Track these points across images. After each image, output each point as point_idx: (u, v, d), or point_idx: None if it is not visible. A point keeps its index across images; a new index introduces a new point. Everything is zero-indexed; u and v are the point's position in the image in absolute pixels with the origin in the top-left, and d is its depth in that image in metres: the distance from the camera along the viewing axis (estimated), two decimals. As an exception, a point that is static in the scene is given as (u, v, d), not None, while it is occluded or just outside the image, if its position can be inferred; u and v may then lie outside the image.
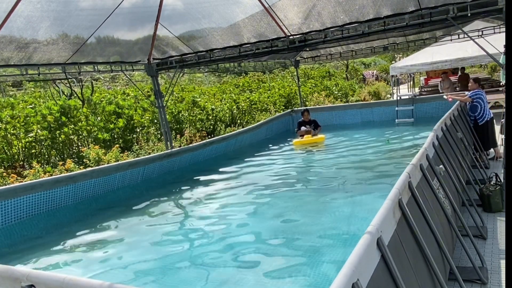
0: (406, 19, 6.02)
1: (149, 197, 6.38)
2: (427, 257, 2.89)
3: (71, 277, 2.08)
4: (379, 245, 2.20)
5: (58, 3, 5.76)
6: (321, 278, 3.43)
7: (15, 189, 5.29)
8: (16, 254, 4.62)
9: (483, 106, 7.67)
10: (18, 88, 22.51)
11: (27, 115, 10.12)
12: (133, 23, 7.43)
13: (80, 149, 10.13)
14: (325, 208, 5.25)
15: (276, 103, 16.98)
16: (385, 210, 2.46)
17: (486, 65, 26.96)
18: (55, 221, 5.58)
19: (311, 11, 6.85)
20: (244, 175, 7.37)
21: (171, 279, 3.73)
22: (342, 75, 30.27)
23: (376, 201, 4.95)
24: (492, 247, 4.40)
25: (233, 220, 5.07)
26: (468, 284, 3.67)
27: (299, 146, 9.61)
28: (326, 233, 4.37)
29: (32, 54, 6.55)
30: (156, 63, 8.68)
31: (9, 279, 2.30)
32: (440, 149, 4.97)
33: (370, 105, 12.60)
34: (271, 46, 7.34)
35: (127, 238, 4.90)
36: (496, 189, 5.32)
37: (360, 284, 1.78)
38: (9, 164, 9.35)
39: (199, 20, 7.42)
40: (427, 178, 3.85)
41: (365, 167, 7.02)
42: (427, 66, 13.39)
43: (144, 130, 12.36)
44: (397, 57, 34.01)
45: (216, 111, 14.29)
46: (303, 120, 10.45)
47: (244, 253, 4.07)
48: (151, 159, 7.21)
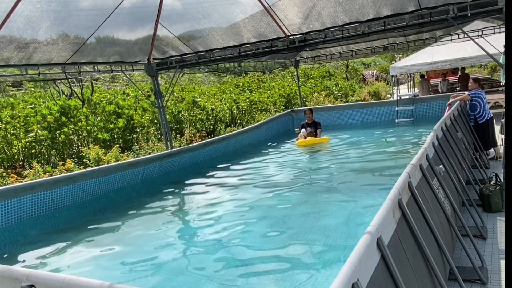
0: (406, 19, 6.02)
1: (149, 197, 6.38)
2: (427, 257, 2.89)
3: (71, 277, 2.08)
4: (379, 245, 2.20)
5: (58, 3, 5.76)
6: (321, 278, 3.43)
7: (15, 189, 5.29)
8: (16, 254, 4.62)
9: (483, 105, 7.68)
10: (18, 88, 22.52)
11: (27, 115, 10.13)
12: (133, 23, 7.43)
13: (80, 149, 10.13)
14: (325, 208, 5.25)
15: (276, 103, 16.98)
16: (385, 210, 2.46)
17: (486, 65, 26.95)
18: (55, 221, 5.59)
19: (311, 11, 6.85)
20: (244, 175, 7.37)
21: (171, 279, 3.73)
22: (342, 75, 30.27)
23: (376, 201, 4.96)
24: (492, 247, 4.40)
25: (233, 220, 5.07)
26: (468, 284, 3.67)
27: (302, 146, 9.49)
28: (326, 233, 4.37)
29: (32, 54, 6.55)
30: (156, 63, 8.68)
31: (9, 279, 2.30)
32: (440, 149, 4.97)
33: (370, 105, 12.60)
34: (271, 46, 7.34)
35: (127, 238, 4.90)
36: (496, 189, 5.32)
37: (360, 284, 1.78)
38: (9, 164, 9.36)
39: (199, 20, 7.42)
40: (427, 178, 3.85)
41: (365, 167, 7.02)
42: (427, 66, 13.39)
43: (144, 130, 12.36)
44: (397, 57, 34.04)
45: (216, 111, 14.30)
46: (306, 122, 10.10)
47: (244, 253, 4.07)
48: (151, 159, 7.21)
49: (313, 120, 10.10)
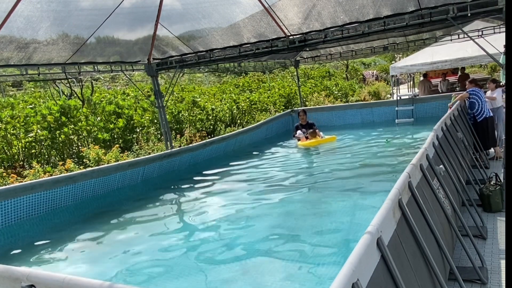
0: (406, 19, 6.02)
1: (149, 197, 6.38)
2: (427, 257, 2.89)
3: (71, 277, 2.08)
4: (379, 245, 2.20)
5: (58, 3, 5.76)
6: (321, 278, 3.43)
7: (15, 189, 5.29)
8: (16, 254, 4.62)
9: (481, 103, 7.71)
10: (18, 88, 22.53)
11: (27, 115, 10.13)
12: (133, 23, 7.43)
13: (80, 149, 10.13)
14: (325, 208, 5.25)
15: (276, 103, 16.98)
16: (385, 210, 2.46)
17: (486, 65, 26.95)
18: (55, 221, 5.58)
19: (311, 11, 6.85)
20: (244, 175, 7.37)
21: (171, 279, 3.73)
22: (342, 75, 30.28)
23: (376, 201, 4.95)
24: (492, 247, 4.40)
25: (233, 220, 5.07)
26: (468, 284, 3.67)
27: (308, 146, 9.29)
28: (326, 233, 4.37)
29: (32, 54, 6.55)
30: (156, 63, 8.68)
31: (9, 279, 2.30)
32: (440, 149, 4.97)
33: (370, 105, 12.58)
34: (271, 46, 7.34)
35: (127, 238, 4.89)
36: (496, 189, 5.33)
37: (360, 284, 1.78)
38: (9, 164, 9.36)
39: (199, 20, 7.42)
40: (427, 178, 3.85)
41: (365, 167, 7.02)
42: (427, 66, 13.39)
43: (144, 130, 12.36)
44: (397, 57, 34.04)
45: (216, 111, 14.30)
46: (300, 124, 10.00)
47: (244, 253, 4.07)
48: (151, 159, 7.21)
49: (307, 122, 9.99)
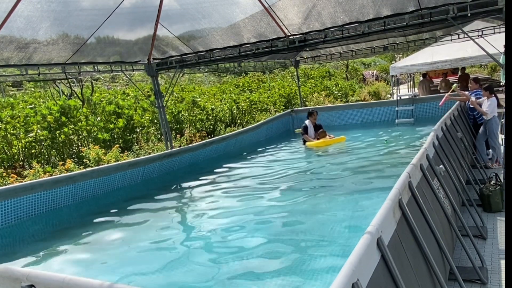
0: (406, 19, 6.02)
1: (149, 197, 6.38)
2: (427, 257, 2.89)
3: (71, 277, 2.08)
4: (379, 245, 2.20)
5: (58, 3, 5.76)
6: (321, 278, 3.43)
7: (15, 189, 5.29)
8: (16, 254, 4.63)
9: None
10: (18, 88, 22.52)
11: (27, 115, 10.12)
12: (133, 23, 7.43)
13: (80, 149, 10.13)
14: (325, 207, 5.25)
15: (276, 103, 16.98)
16: (385, 210, 2.46)
17: (486, 65, 26.96)
18: (55, 221, 5.59)
19: (311, 11, 6.85)
20: (244, 175, 7.37)
21: (171, 279, 3.73)
22: (342, 75, 30.26)
23: (376, 201, 4.95)
24: (492, 247, 4.40)
25: (233, 220, 5.07)
26: (468, 284, 3.67)
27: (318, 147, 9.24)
28: (326, 233, 4.37)
29: (32, 54, 6.55)
30: (156, 63, 8.68)
31: (9, 279, 2.30)
32: (440, 149, 4.97)
33: (370, 105, 12.59)
34: (271, 46, 7.34)
35: (127, 238, 4.90)
36: (496, 189, 5.33)
37: (360, 284, 1.78)
38: (9, 164, 9.35)
39: (199, 20, 7.42)
40: (427, 178, 3.85)
41: (365, 167, 7.01)
42: (427, 66, 13.39)
43: (144, 130, 12.36)
44: (397, 57, 34.03)
45: (216, 111, 14.29)
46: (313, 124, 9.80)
47: (244, 253, 4.07)
48: (151, 159, 7.21)
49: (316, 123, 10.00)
